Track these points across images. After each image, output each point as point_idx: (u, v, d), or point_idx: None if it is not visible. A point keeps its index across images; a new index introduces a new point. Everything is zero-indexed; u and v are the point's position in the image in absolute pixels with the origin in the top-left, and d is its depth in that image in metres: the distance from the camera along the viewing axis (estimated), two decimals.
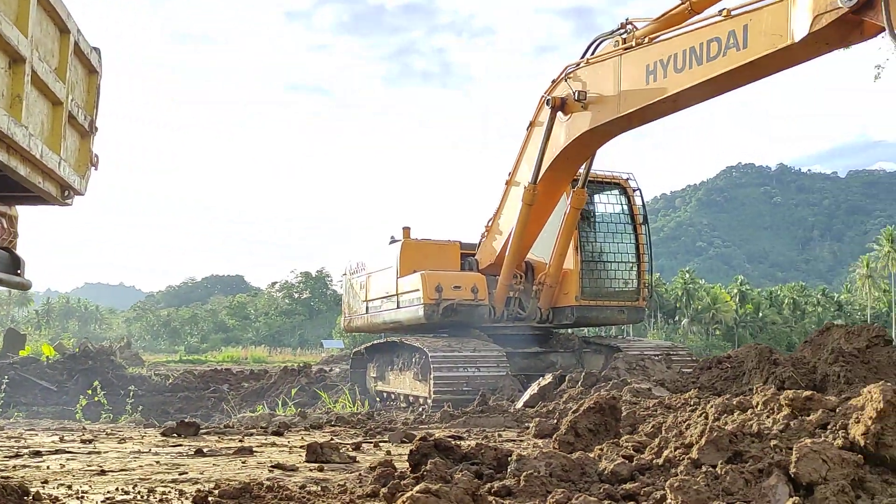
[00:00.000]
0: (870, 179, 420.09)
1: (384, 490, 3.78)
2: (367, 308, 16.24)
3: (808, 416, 4.28)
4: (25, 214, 5.60)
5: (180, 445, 6.63)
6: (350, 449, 6.22)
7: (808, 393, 4.42)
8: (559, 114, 12.20)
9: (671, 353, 14.57)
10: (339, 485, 4.40)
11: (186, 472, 5.02)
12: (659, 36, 10.18)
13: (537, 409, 9.62)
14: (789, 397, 4.42)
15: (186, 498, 3.98)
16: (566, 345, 15.27)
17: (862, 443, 3.71)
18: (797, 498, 3.45)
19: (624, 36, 10.94)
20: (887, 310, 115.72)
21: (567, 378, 11.50)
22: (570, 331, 16.07)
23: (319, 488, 4.29)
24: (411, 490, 3.18)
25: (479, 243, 15.27)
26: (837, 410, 4.19)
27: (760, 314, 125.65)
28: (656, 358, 13.90)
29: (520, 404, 10.57)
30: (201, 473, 5.00)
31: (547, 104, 12.32)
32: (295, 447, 6.52)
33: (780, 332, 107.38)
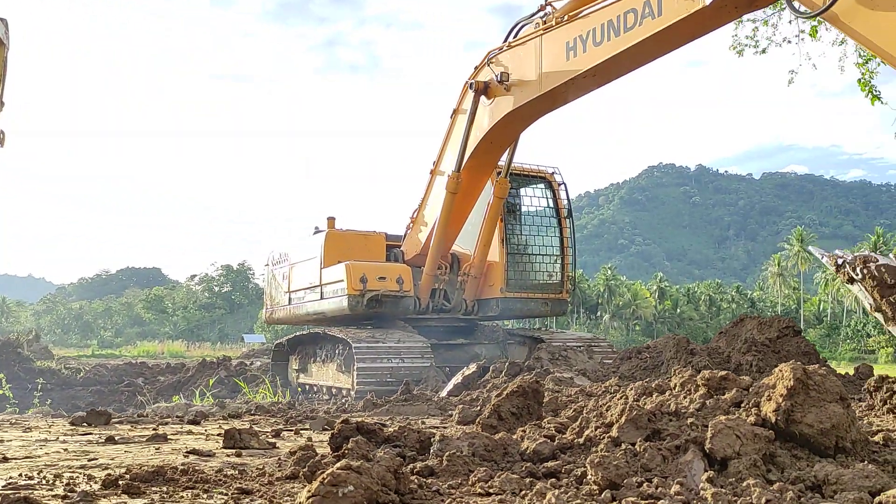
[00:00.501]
0: (782, 181, 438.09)
1: (304, 470, 3.70)
2: (289, 299, 15.97)
3: (724, 394, 4.39)
4: None
5: (90, 434, 6.36)
6: (270, 436, 6.08)
7: (723, 373, 4.54)
8: (482, 98, 12.27)
9: (592, 344, 14.84)
10: (257, 468, 4.29)
11: (96, 459, 4.81)
12: (578, 13, 10.31)
13: (461, 397, 9.64)
14: (705, 377, 4.53)
15: (95, 482, 3.80)
16: (490, 336, 15.37)
17: (773, 419, 3.82)
18: (711, 472, 3.52)
19: (544, 17, 11.06)
20: (796, 306, 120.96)
21: (491, 368, 11.57)
22: (494, 323, 16.18)
23: (237, 472, 4.17)
24: (332, 468, 3.11)
25: (405, 234, 15.21)
26: (751, 389, 4.31)
27: (678, 310, 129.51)
28: (578, 349, 14.14)
29: (444, 393, 10.58)
30: (112, 459, 4.79)
31: (470, 88, 12.38)
32: (212, 435, 6.34)
33: (697, 327, 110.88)
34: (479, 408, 7.69)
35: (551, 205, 15.52)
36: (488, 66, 12.09)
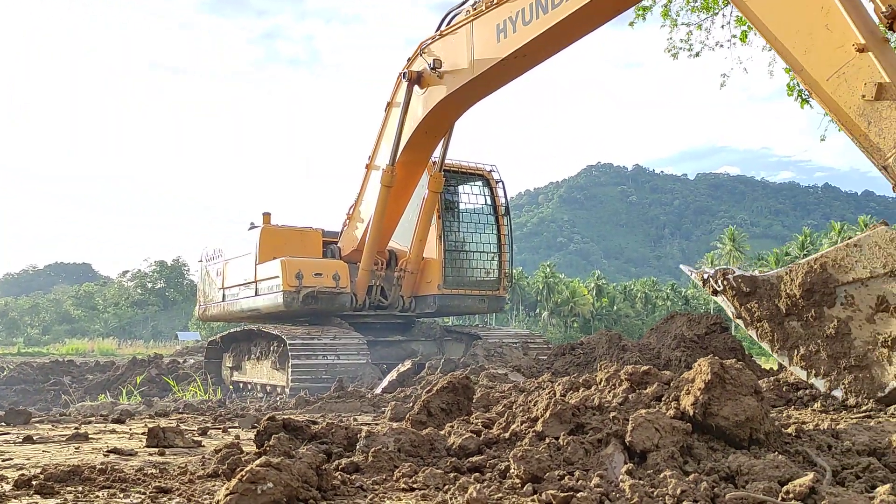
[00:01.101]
0: (715, 182, 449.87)
1: (224, 468, 3.65)
2: (223, 296, 15.71)
3: (645, 389, 4.49)
4: None
5: (7, 434, 6.14)
6: (196, 434, 5.97)
7: (645, 368, 4.64)
8: (416, 87, 12.30)
9: (528, 340, 15.00)
10: (179, 467, 4.20)
11: (11, 459, 4.65)
12: None
13: (395, 394, 9.63)
14: (628, 372, 4.62)
15: (7, 483, 3.67)
16: (428, 333, 15.39)
17: (691, 412, 3.92)
18: (631, 465, 3.60)
19: (474, 5, 11.15)
20: None
21: (427, 365, 11.59)
22: (431, 320, 16.21)
23: (157, 470, 4.08)
24: (251, 465, 3.07)
25: (342, 230, 15.12)
26: (671, 384, 4.42)
27: (615, 307, 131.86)
28: (514, 345, 14.28)
29: (378, 390, 10.55)
30: (28, 460, 4.64)
31: (403, 78, 12.39)
32: (136, 434, 6.18)
33: (633, 324, 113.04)
34: (411, 404, 7.69)
35: (489, 202, 15.63)
36: (421, 55, 12.13)
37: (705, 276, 6.90)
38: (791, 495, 2.94)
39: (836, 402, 5.93)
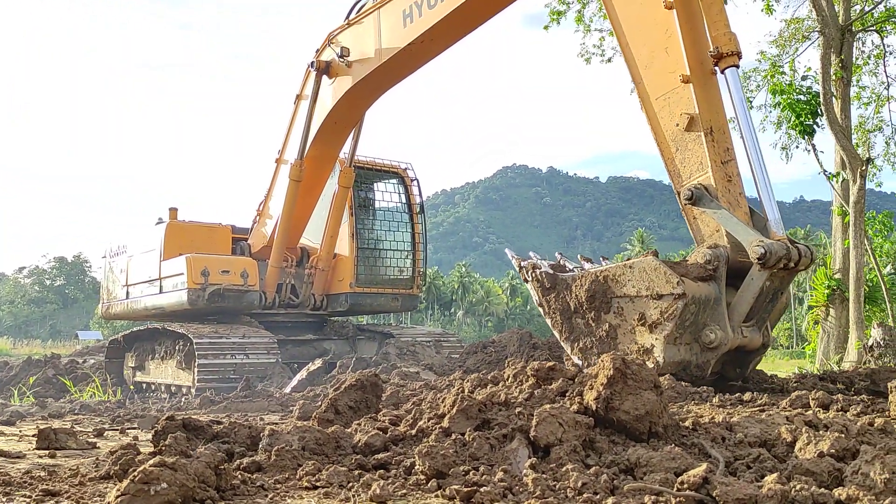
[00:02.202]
0: (626, 185, 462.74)
1: (116, 469, 3.50)
2: (127, 293, 15.16)
3: (551, 385, 4.56)
4: None
5: None
6: (91, 436, 5.72)
7: (551, 364, 4.71)
8: (324, 78, 12.20)
9: (441, 339, 15.05)
10: (70, 469, 4.01)
11: None
12: None
13: (304, 393, 9.49)
14: (534, 368, 4.68)
15: None
16: (340, 332, 15.23)
17: (594, 407, 4.00)
18: (535, 459, 3.64)
19: None
20: None
21: (338, 364, 11.48)
22: (344, 318, 16.05)
23: (46, 473, 3.88)
24: (145, 465, 2.95)
25: (252, 227, 14.81)
26: (576, 379, 4.50)
27: (529, 307, 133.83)
28: (427, 344, 14.30)
29: (288, 389, 10.38)
30: None
31: (311, 68, 12.26)
32: (27, 436, 5.88)
33: (545, 323, 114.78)
34: (320, 403, 7.59)
35: (404, 200, 15.59)
36: (330, 45, 12.04)
37: (522, 264, 7.90)
38: (686, 485, 3.03)
39: None
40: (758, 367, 8.38)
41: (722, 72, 7.19)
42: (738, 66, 7.13)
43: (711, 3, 7.16)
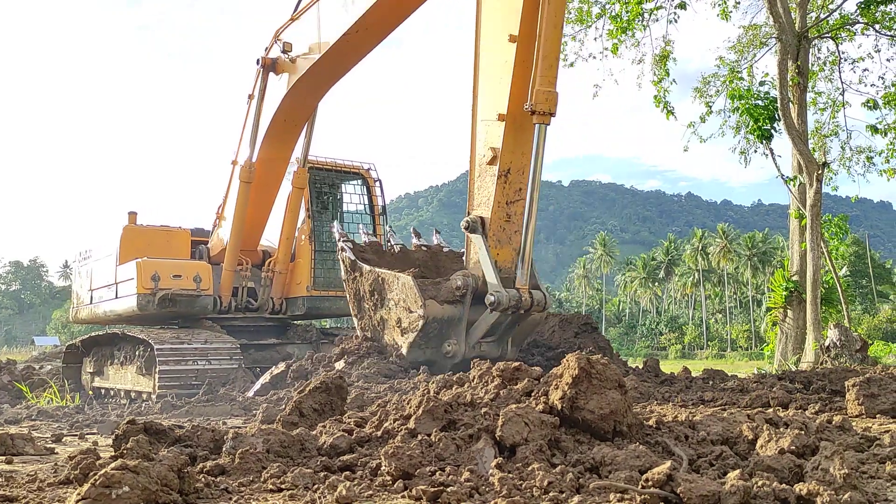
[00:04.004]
0: (588, 189, 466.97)
1: (76, 473, 3.43)
2: (91, 298, 14.89)
3: (516, 385, 4.58)
4: None
5: None
6: (49, 441, 5.59)
7: (516, 364, 4.73)
8: (272, 74, 12.16)
9: None
10: (28, 475, 3.92)
11: None
12: None
13: (268, 397, 9.38)
14: (500, 368, 4.69)
15: None
16: (304, 336, 15.06)
17: (559, 406, 4.02)
18: (501, 459, 3.65)
19: None
20: (599, 306, 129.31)
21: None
22: (308, 322, 15.90)
23: (3, 479, 3.78)
24: (106, 468, 2.90)
25: (213, 231, 14.62)
26: (541, 379, 4.52)
27: None
28: None
29: (250, 393, 10.25)
30: None
31: (257, 65, 12.21)
32: None
33: None
34: (284, 406, 7.52)
35: (366, 202, 15.47)
36: (276, 42, 12.00)
37: (339, 244, 9.46)
38: (650, 483, 3.06)
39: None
40: (718, 368, 9.66)
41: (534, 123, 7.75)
42: (548, 124, 7.72)
43: (546, 56, 7.62)
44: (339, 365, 8.95)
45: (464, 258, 8.83)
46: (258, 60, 12.18)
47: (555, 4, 7.48)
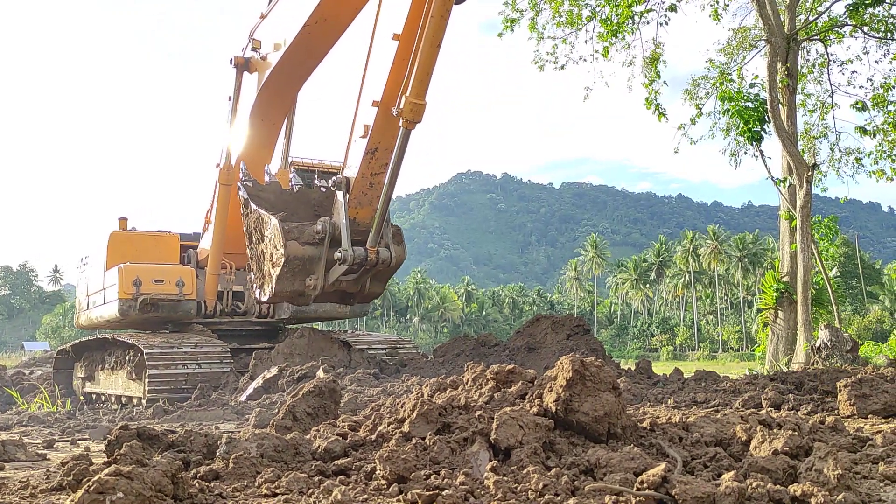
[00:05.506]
0: (580, 191, 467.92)
1: (69, 479, 3.40)
2: (87, 304, 14.84)
3: (510, 387, 4.57)
4: None
5: None
6: (41, 447, 5.56)
7: (510, 367, 4.72)
8: (245, 74, 12.16)
9: (398, 345, 14.95)
10: (20, 481, 3.89)
11: None
12: None
13: (260, 401, 9.36)
14: (494, 371, 4.69)
15: None
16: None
17: (554, 409, 4.02)
18: (496, 462, 3.65)
19: None
20: (591, 308, 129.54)
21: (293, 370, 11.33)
22: (299, 325, 15.83)
23: None
24: (100, 474, 2.88)
25: (202, 235, 14.54)
26: (536, 382, 4.52)
27: (484, 312, 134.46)
28: (383, 351, 14.20)
29: (243, 397, 10.22)
30: None
31: (231, 65, 12.21)
32: None
33: (501, 328, 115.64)
34: (277, 411, 7.50)
35: None
36: (249, 42, 12.02)
37: (239, 182, 9.89)
38: (645, 485, 3.06)
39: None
40: (710, 370, 9.78)
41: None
42: (412, 129, 8.32)
43: (420, 69, 8.04)
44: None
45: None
46: (231, 60, 12.16)
47: (434, 25, 7.85)
